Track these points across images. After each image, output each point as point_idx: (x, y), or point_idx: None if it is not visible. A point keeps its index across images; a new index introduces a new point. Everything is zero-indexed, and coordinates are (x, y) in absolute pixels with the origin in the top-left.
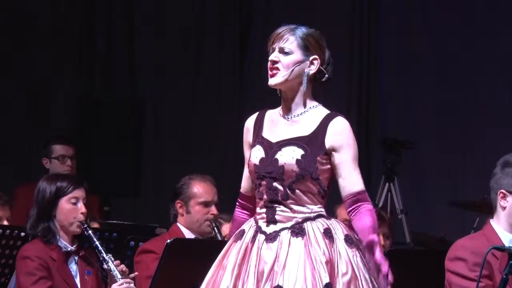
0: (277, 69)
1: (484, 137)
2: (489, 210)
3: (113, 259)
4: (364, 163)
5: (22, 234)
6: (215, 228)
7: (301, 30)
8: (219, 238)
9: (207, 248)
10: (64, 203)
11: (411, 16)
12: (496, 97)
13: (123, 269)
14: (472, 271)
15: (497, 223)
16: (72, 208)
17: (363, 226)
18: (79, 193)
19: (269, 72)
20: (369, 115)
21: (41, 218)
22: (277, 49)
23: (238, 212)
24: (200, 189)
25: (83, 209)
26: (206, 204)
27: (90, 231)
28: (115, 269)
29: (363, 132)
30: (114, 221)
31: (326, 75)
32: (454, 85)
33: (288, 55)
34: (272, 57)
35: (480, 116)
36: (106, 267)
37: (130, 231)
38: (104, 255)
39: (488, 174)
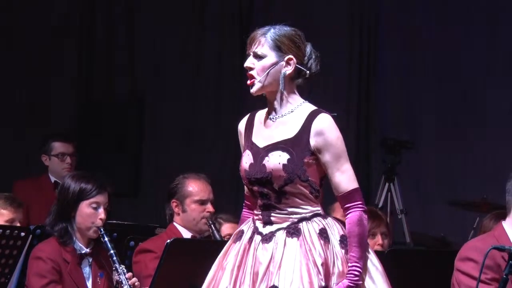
0: (253, 76)
1: (484, 137)
2: (489, 210)
3: (125, 271)
4: (364, 163)
5: (22, 234)
6: (212, 225)
7: (273, 32)
8: (217, 235)
9: (207, 248)
10: (85, 207)
11: (411, 16)
12: (496, 97)
13: (135, 283)
14: (482, 273)
15: (509, 226)
16: (92, 213)
17: (350, 233)
18: (101, 198)
19: (248, 81)
20: (369, 115)
21: (60, 217)
22: (251, 54)
23: (245, 213)
24: (195, 187)
25: (103, 215)
26: (202, 202)
27: (106, 238)
28: (126, 282)
29: (363, 132)
30: (114, 221)
31: (308, 71)
32: (454, 85)
33: (262, 59)
34: (247, 63)
35: (480, 116)
36: (117, 278)
37: (130, 231)
38: (118, 265)
39: (488, 174)
